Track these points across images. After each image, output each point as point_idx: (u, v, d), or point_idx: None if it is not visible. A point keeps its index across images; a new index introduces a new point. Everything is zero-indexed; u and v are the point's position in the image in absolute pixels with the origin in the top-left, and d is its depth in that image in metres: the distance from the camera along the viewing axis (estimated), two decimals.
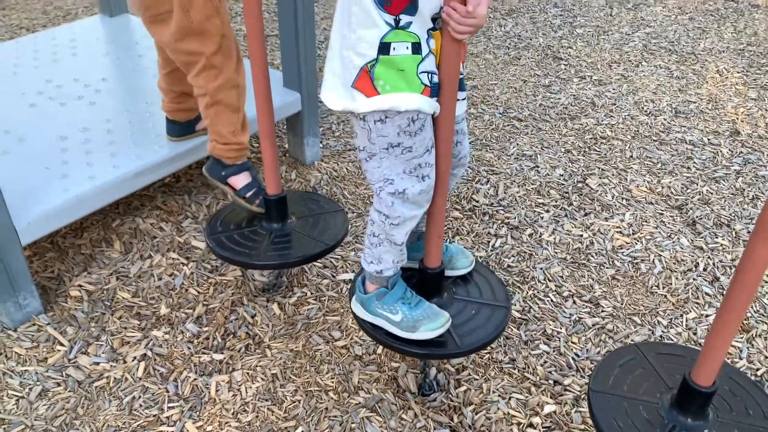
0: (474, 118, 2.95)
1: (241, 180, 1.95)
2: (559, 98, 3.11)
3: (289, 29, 2.29)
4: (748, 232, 2.32)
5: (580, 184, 2.53)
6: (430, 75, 1.30)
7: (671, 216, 2.39)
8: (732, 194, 2.50)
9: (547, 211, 2.40)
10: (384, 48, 1.26)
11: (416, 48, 1.27)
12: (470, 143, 2.75)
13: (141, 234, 2.21)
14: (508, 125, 2.90)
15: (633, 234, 2.30)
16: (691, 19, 3.96)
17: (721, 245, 2.25)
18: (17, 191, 1.82)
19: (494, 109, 3.02)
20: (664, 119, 2.97)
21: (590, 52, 3.54)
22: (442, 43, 1.27)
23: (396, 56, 1.27)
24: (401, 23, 1.25)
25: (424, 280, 1.58)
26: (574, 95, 3.13)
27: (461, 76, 1.38)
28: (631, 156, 2.71)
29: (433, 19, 1.27)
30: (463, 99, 1.45)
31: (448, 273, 1.65)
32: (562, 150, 2.74)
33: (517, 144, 2.77)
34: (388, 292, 1.53)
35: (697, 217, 2.38)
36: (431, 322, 1.49)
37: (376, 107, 1.30)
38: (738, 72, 3.39)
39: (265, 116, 1.73)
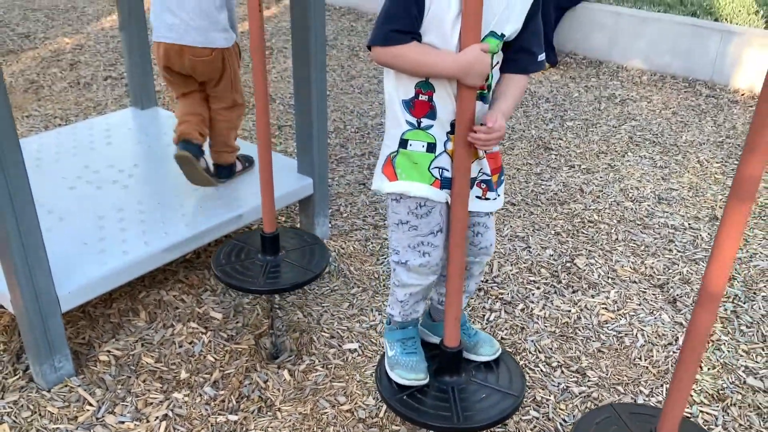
0: None
1: (239, 164, 2.74)
2: (550, 185, 3.36)
3: (304, 122, 2.58)
4: (725, 309, 2.50)
5: (568, 264, 2.74)
6: (441, 170, 1.54)
7: (653, 294, 2.57)
8: None
9: (538, 288, 2.59)
10: (403, 143, 1.54)
11: (431, 147, 1.52)
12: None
13: (164, 305, 2.41)
14: (503, 209, 3.14)
15: (618, 310, 2.48)
16: (674, 114, 4.28)
17: None
18: (59, 264, 2.03)
19: None
20: (648, 205, 3.20)
21: (579, 144, 3.83)
22: (454, 148, 1.47)
23: (412, 151, 1.53)
24: (422, 125, 1.52)
25: (442, 358, 1.72)
26: (563, 183, 3.39)
27: (488, 178, 1.59)
28: (617, 239, 2.92)
29: (451, 124, 1.50)
30: (494, 199, 1.63)
31: (473, 357, 1.79)
32: (552, 232, 2.96)
33: (511, 226, 3.00)
34: (396, 330, 1.77)
35: (677, 295, 2.57)
36: (406, 372, 1.69)
37: (394, 190, 1.56)
38: (717, 162, 3.65)
39: (266, 169, 2.06)
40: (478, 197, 1.60)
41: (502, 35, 1.44)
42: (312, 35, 2.39)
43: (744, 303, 2.53)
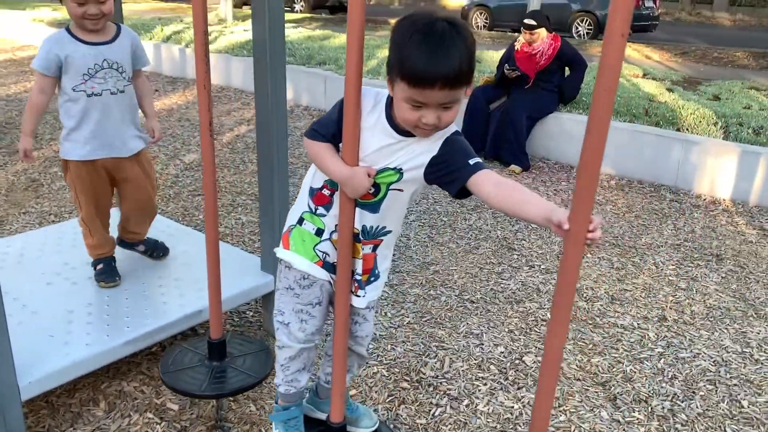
0: (432, 299, 3.36)
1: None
2: (509, 284, 3.53)
3: (267, 222, 2.79)
4: (663, 408, 2.60)
5: (517, 361, 2.86)
6: (324, 254, 1.79)
7: (595, 391, 2.68)
8: (653, 374, 2.81)
9: (485, 384, 2.71)
10: (300, 220, 1.81)
11: (319, 232, 1.79)
12: (425, 322, 3.13)
13: (124, 395, 2.54)
14: (461, 306, 3.30)
15: (558, 407, 2.58)
16: (636, 217, 4.49)
17: (637, 419, 2.52)
18: (23, 354, 2.19)
19: (451, 292, 3.43)
20: (601, 305, 3.35)
21: (541, 244, 4.03)
22: (338, 246, 1.74)
23: (304, 229, 1.80)
24: (317, 212, 1.79)
25: None
26: (522, 282, 3.56)
27: (359, 278, 1.80)
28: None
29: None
30: (362, 296, 1.82)
31: (354, 430, 2.01)
32: (506, 330, 3.10)
33: (467, 323, 3.15)
34: (281, 411, 1.95)
35: (618, 393, 2.67)
36: None
37: (283, 257, 1.82)
38: (672, 264, 3.82)
39: (214, 278, 2.23)
40: (351, 292, 1.82)
41: (400, 168, 1.68)
42: (273, 137, 2.63)
43: (682, 402, 2.63)
